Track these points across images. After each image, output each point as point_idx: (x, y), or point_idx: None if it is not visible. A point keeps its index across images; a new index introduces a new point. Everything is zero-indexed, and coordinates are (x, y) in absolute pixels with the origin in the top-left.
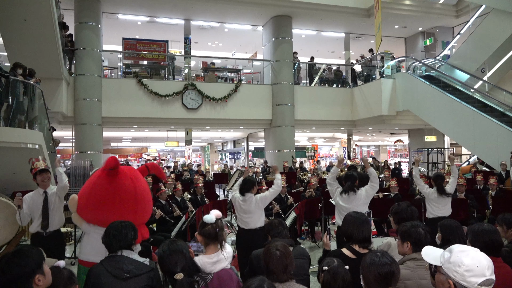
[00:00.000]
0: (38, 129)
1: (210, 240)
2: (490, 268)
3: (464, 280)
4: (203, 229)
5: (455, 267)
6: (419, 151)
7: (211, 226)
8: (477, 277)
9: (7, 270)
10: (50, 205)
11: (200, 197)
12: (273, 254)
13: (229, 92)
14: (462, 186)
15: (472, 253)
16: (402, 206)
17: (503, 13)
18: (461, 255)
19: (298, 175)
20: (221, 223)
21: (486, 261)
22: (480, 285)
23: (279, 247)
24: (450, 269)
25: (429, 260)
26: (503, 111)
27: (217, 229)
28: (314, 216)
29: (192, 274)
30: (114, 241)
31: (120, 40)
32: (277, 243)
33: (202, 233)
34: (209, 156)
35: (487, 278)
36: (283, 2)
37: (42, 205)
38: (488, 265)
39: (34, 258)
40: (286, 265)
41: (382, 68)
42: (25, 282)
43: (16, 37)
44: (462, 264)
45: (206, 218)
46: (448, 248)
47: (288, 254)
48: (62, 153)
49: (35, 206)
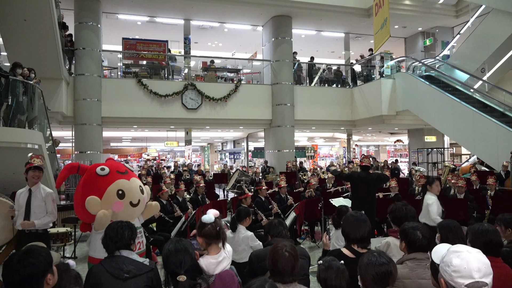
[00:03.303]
0: (38, 129)
1: (212, 240)
2: (481, 271)
3: (452, 280)
4: (203, 230)
5: (445, 266)
6: (419, 151)
7: (211, 226)
8: (463, 279)
9: (21, 269)
10: (32, 204)
11: (201, 197)
12: (282, 255)
13: (229, 92)
14: (462, 187)
15: (464, 254)
16: (398, 205)
17: (502, 13)
18: (452, 256)
19: (298, 175)
20: (220, 221)
21: (477, 264)
22: (467, 286)
23: (288, 248)
24: (442, 268)
25: (434, 258)
26: (503, 111)
27: (218, 227)
28: (314, 216)
29: (194, 276)
30: (110, 242)
31: (120, 40)
32: (285, 243)
33: (202, 234)
34: (209, 156)
35: (475, 281)
36: (283, 2)
37: (25, 202)
38: (478, 267)
39: (46, 258)
40: (293, 267)
41: (382, 68)
42: (38, 281)
43: (16, 37)
44: (450, 264)
45: (205, 218)
46: (448, 247)
47: (296, 256)
48: (62, 153)
49: (22, 203)
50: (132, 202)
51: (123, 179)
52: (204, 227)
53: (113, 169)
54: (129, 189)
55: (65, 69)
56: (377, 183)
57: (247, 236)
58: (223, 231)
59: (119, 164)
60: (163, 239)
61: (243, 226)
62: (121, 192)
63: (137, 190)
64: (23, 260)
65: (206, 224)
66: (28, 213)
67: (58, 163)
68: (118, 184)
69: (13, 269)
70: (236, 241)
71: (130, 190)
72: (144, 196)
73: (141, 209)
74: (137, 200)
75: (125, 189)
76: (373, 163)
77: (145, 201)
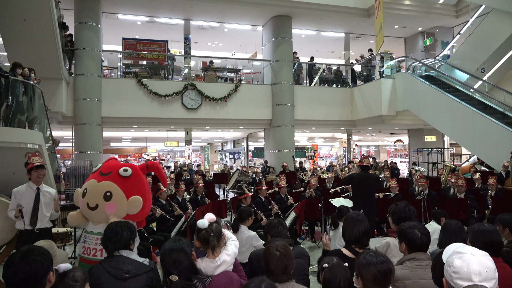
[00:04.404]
0: (38, 129)
1: (208, 244)
2: (481, 275)
3: (452, 281)
4: (199, 234)
5: (447, 266)
6: (419, 151)
7: (205, 231)
8: (462, 280)
9: (26, 266)
10: (41, 202)
11: (201, 197)
12: (272, 254)
13: (229, 92)
14: (462, 187)
15: (466, 256)
16: (400, 206)
17: (502, 13)
18: (455, 256)
19: (298, 175)
20: (217, 226)
21: (478, 267)
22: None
23: (279, 247)
24: (444, 268)
25: (444, 257)
26: (503, 111)
27: (211, 233)
28: (314, 216)
29: (190, 277)
30: (109, 243)
31: (120, 40)
32: (277, 243)
33: (198, 238)
34: (209, 156)
35: (474, 284)
36: (283, 2)
37: (33, 201)
38: (479, 270)
39: (48, 256)
40: (286, 266)
41: (382, 68)
42: (41, 279)
43: (16, 37)
44: (452, 265)
45: (199, 223)
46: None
47: (288, 255)
48: (62, 153)
49: (26, 202)
50: (88, 204)
51: (93, 180)
52: (199, 231)
53: (101, 168)
54: (90, 191)
55: (65, 69)
56: (376, 183)
57: (251, 236)
58: (215, 238)
59: (110, 165)
60: (163, 239)
61: (245, 226)
62: (85, 191)
63: (99, 194)
64: (27, 258)
65: (201, 228)
66: (36, 212)
67: (58, 163)
68: (87, 183)
69: (16, 268)
70: (240, 242)
71: (91, 192)
72: (110, 203)
73: (100, 215)
74: (94, 204)
75: (88, 189)
76: (373, 163)
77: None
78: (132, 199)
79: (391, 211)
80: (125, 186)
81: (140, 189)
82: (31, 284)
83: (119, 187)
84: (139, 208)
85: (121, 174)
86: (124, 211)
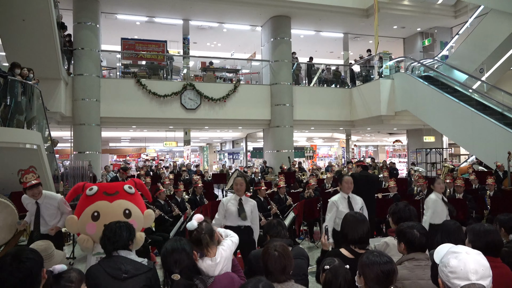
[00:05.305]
0: (36, 129)
1: (201, 245)
2: (478, 274)
3: (448, 281)
4: (191, 237)
5: (442, 266)
6: (418, 151)
7: (196, 231)
8: (460, 280)
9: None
10: (44, 214)
11: (199, 198)
12: (271, 255)
13: (228, 92)
14: (460, 187)
15: (462, 256)
16: (400, 206)
17: (501, 14)
18: (450, 256)
19: (296, 176)
20: (207, 225)
21: (474, 265)
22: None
23: (277, 247)
24: (440, 269)
25: (435, 258)
26: (501, 112)
27: (202, 232)
28: (313, 216)
29: (192, 277)
30: (108, 243)
31: (119, 40)
32: (275, 243)
33: (191, 240)
34: (207, 156)
35: (471, 283)
36: (281, 2)
37: (34, 215)
38: (475, 269)
39: (38, 253)
40: (284, 266)
41: (380, 68)
42: (38, 276)
43: (15, 37)
44: (448, 264)
45: (188, 226)
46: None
47: (286, 255)
48: (60, 153)
49: (31, 212)
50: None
51: (104, 201)
52: (191, 233)
53: (101, 189)
54: (106, 213)
55: (63, 69)
56: (376, 183)
57: (254, 204)
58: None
59: (112, 185)
60: (162, 239)
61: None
62: (96, 214)
63: (118, 214)
64: (19, 257)
65: (192, 230)
66: (37, 223)
67: (57, 163)
68: (96, 206)
69: (12, 268)
70: (247, 210)
71: (107, 214)
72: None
73: None
74: None
75: (102, 211)
76: (372, 163)
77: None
78: (147, 213)
79: (391, 211)
80: (136, 202)
81: (142, 202)
82: (29, 282)
83: (133, 203)
84: (152, 220)
85: (128, 191)
86: (141, 225)
